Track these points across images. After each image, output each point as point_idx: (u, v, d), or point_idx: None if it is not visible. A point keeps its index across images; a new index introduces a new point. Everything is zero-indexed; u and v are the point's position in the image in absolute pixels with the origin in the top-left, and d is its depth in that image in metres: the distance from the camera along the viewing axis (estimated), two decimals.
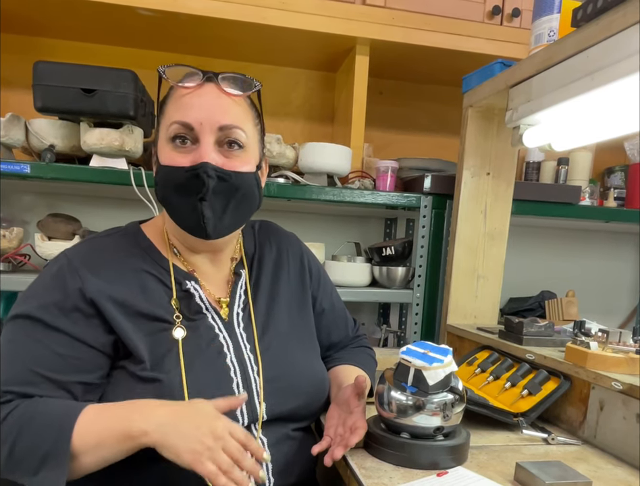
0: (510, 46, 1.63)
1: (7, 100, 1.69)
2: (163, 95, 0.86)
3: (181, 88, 0.81)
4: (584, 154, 1.87)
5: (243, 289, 0.93)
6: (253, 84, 0.86)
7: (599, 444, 0.93)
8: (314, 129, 1.96)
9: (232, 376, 0.83)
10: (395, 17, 1.59)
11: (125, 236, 0.89)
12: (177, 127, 0.79)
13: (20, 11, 1.54)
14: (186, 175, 0.79)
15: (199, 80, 0.81)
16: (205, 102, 0.80)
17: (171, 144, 0.81)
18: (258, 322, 0.91)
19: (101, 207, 1.74)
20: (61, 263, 0.81)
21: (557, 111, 1.03)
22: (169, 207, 0.85)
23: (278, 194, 1.52)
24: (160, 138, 0.84)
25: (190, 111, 0.79)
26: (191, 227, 0.84)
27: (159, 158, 0.83)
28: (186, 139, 0.80)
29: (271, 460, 0.83)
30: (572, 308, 1.69)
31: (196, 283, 0.87)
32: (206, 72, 0.81)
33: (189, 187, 0.80)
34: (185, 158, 0.80)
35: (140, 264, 0.85)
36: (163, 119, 0.83)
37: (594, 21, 0.90)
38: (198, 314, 0.86)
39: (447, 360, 0.80)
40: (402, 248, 1.67)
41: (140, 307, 0.80)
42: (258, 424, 0.84)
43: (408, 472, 0.78)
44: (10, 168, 1.34)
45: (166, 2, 1.45)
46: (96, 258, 0.82)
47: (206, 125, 0.79)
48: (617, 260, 2.22)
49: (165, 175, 0.82)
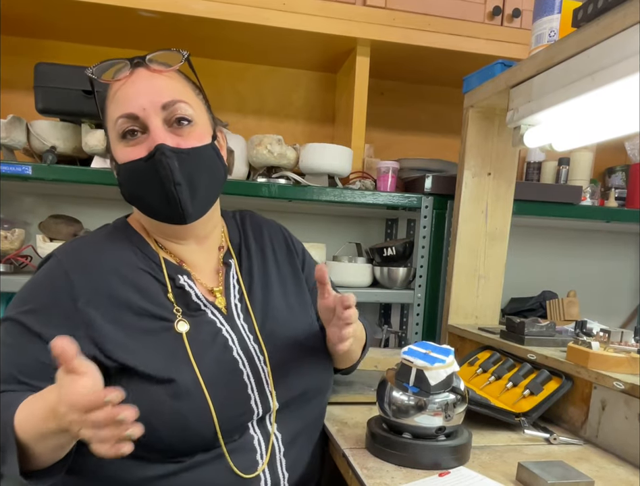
0: (510, 46, 1.63)
1: (9, 101, 1.69)
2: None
3: (115, 82, 0.80)
4: (585, 154, 1.87)
5: (235, 278, 0.92)
6: (181, 56, 0.83)
7: (601, 444, 0.93)
8: (315, 130, 1.96)
9: (242, 369, 0.82)
10: (395, 18, 1.59)
11: (115, 232, 0.88)
12: (122, 121, 0.78)
13: (22, 13, 1.54)
14: (146, 165, 0.78)
15: (128, 69, 0.80)
16: (141, 87, 0.79)
17: (122, 141, 0.80)
18: (257, 312, 0.90)
19: (102, 208, 1.74)
20: (50, 266, 0.80)
21: (558, 111, 1.03)
22: (140, 203, 0.84)
23: (279, 195, 1.52)
24: (111, 139, 0.83)
25: (129, 101, 0.78)
26: (167, 216, 0.83)
27: (116, 159, 0.82)
28: (135, 131, 0.79)
29: (285, 455, 0.84)
30: (573, 308, 1.69)
31: (189, 277, 0.86)
32: (132, 58, 0.80)
33: (153, 177, 0.78)
34: (140, 150, 0.79)
35: (133, 260, 0.84)
36: (108, 121, 0.82)
37: (595, 22, 0.90)
38: (197, 311, 0.85)
39: (449, 360, 0.80)
40: (403, 249, 1.67)
41: (137, 305, 0.79)
42: (272, 415, 0.84)
43: (410, 472, 0.78)
44: (12, 169, 1.35)
45: (167, 3, 1.45)
46: (87, 258, 0.81)
47: (149, 108, 0.78)
48: (618, 260, 2.22)
49: (126, 172, 0.81)
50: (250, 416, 0.81)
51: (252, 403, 0.81)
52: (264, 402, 0.83)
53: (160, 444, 0.75)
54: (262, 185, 1.50)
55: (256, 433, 0.82)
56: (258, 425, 0.83)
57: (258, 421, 0.82)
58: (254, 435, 0.82)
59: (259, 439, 0.82)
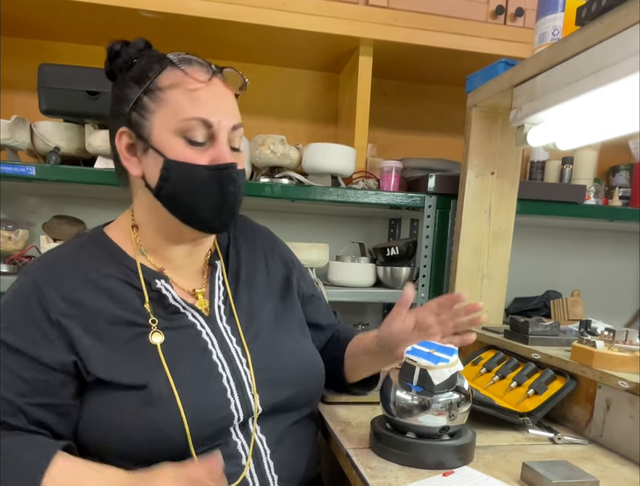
0: (513, 45, 1.63)
1: (12, 102, 1.70)
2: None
3: (194, 80, 0.78)
4: (589, 153, 1.86)
5: (221, 280, 0.91)
6: (245, 81, 0.86)
7: (605, 443, 0.93)
8: (318, 130, 1.96)
9: (221, 372, 0.82)
10: (398, 18, 1.59)
11: (89, 242, 0.86)
12: (195, 123, 0.78)
13: (24, 14, 1.54)
14: (209, 173, 0.79)
15: (208, 74, 0.80)
16: (220, 99, 0.81)
17: (184, 139, 0.78)
18: (241, 314, 0.89)
19: (106, 209, 1.73)
20: (22, 281, 0.79)
21: (562, 109, 1.03)
22: (179, 204, 0.81)
23: (282, 195, 1.52)
24: (166, 129, 0.78)
25: (209, 108, 0.78)
26: (208, 224, 0.84)
27: (165, 152, 0.79)
28: (202, 136, 0.79)
29: (272, 458, 0.83)
30: (577, 308, 1.68)
31: (166, 281, 0.85)
32: (211, 65, 0.81)
33: (212, 187, 0.80)
34: (202, 156, 0.79)
35: (105, 268, 0.82)
36: (166, 107, 0.78)
37: (598, 20, 0.89)
38: (175, 315, 0.84)
39: (453, 359, 0.80)
40: (406, 248, 1.67)
41: (111, 314, 0.79)
42: (254, 418, 0.83)
43: (414, 471, 0.78)
44: (15, 170, 1.35)
45: (169, 4, 1.45)
46: (58, 270, 0.80)
47: (223, 123, 0.80)
48: (622, 259, 2.21)
49: (180, 171, 0.79)
50: (230, 421, 0.80)
51: (232, 407, 0.80)
52: (246, 406, 0.82)
53: (139, 451, 0.75)
54: (265, 185, 1.50)
55: (239, 437, 0.81)
56: (241, 430, 0.82)
57: (240, 426, 0.82)
58: (237, 440, 0.81)
59: (242, 443, 0.81)
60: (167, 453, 0.75)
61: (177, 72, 0.79)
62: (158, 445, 0.75)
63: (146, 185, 0.82)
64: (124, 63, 0.83)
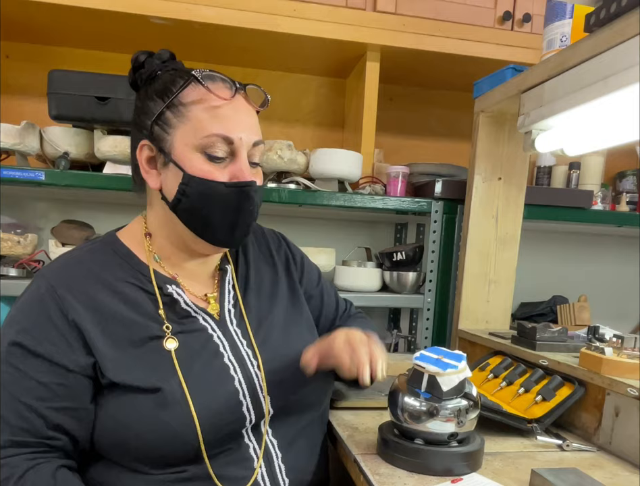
0: (521, 51, 1.63)
1: (22, 108, 1.71)
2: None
3: (217, 97, 0.79)
4: (596, 159, 1.86)
5: (231, 284, 0.92)
6: (267, 98, 0.87)
7: (614, 450, 0.92)
8: (325, 135, 1.97)
9: (232, 375, 0.82)
10: (405, 24, 1.59)
11: (102, 247, 0.87)
12: (217, 139, 0.78)
13: (34, 20, 1.56)
14: (227, 190, 0.80)
15: (232, 91, 0.80)
16: (243, 117, 0.81)
17: (204, 155, 0.79)
18: (251, 317, 0.90)
19: (114, 214, 1.76)
20: (38, 284, 0.79)
21: (570, 116, 1.03)
22: (196, 218, 0.82)
23: (289, 200, 1.52)
24: (187, 144, 0.79)
25: (229, 124, 0.79)
26: (222, 239, 0.85)
27: (184, 166, 0.79)
28: (223, 152, 0.80)
29: (283, 461, 0.83)
30: (585, 313, 1.68)
31: (177, 286, 0.85)
32: (235, 82, 0.82)
33: (230, 203, 0.81)
34: (222, 173, 0.80)
35: (119, 273, 0.83)
36: (188, 123, 0.79)
37: (607, 27, 0.89)
38: (186, 319, 0.84)
39: (462, 366, 0.80)
40: (413, 253, 1.67)
41: (126, 318, 0.79)
42: (266, 420, 0.83)
43: (422, 478, 0.78)
44: (25, 175, 1.36)
45: (179, 10, 1.47)
46: (74, 274, 0.81)
47: (244, 140, 0.80)
48: (629, 264, 2.20)
49: (199, 186, 0.79)
50: (242, 423, 0.80)
51: (244, 409, 0.80)
52: (258, 408, 0.82)
53: (153, 453, 0.76)
54: (272, 191, 1.51)
55: (251, 441, 0.82)
56: (253, 433, 0.82)
57: (252, 428, 0.82)
58: (249, 443, 0.81)
59: (254, 447, 0.82)
60: (181, 454, 0.76)
61: (200, 88, 0.79)
62: (172, 447, 0.75)
63: (162, 198, 0.83)
64: (148, 74, 0.83)
